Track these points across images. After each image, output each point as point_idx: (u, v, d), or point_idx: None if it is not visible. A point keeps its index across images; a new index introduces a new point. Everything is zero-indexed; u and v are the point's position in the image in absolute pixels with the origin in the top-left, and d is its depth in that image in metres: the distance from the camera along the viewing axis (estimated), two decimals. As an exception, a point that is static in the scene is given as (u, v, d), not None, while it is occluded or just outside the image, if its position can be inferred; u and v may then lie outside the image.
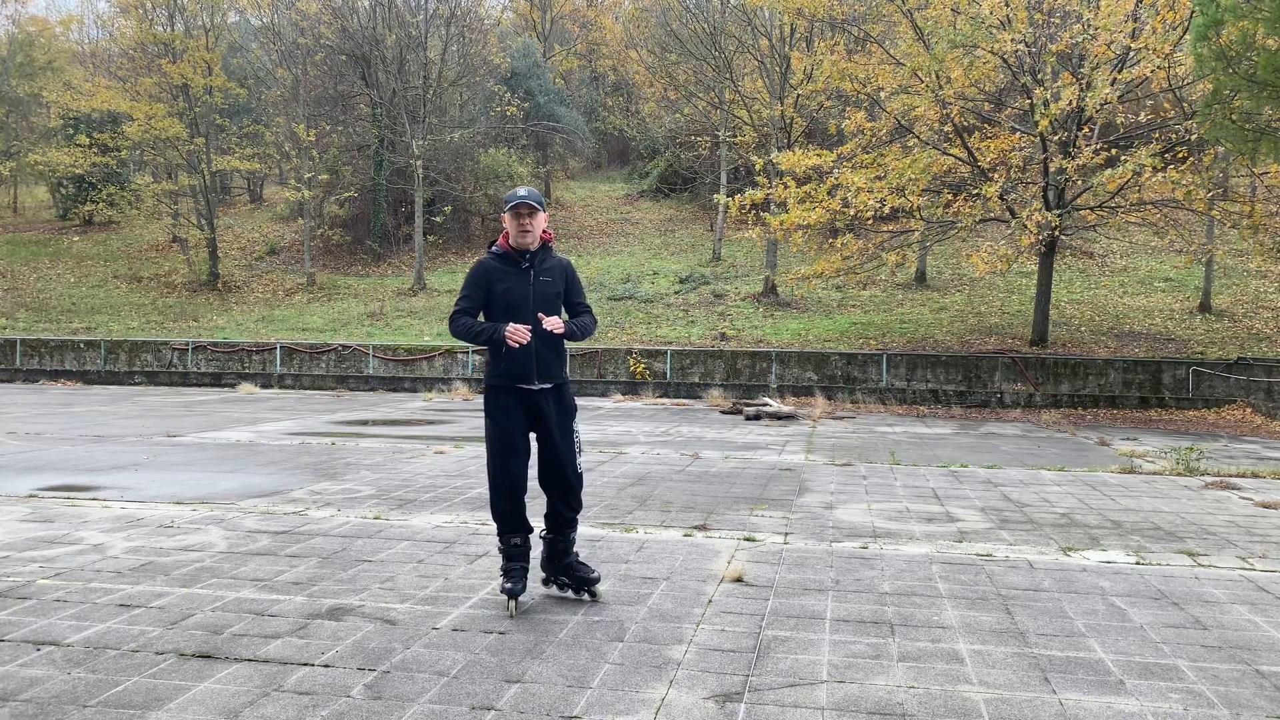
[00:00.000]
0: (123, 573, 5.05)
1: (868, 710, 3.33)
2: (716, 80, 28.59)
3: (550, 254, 4.60)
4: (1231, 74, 12.03)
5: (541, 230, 4.49)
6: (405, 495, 7.62)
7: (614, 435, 12.54)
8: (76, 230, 34.63)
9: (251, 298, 27.77)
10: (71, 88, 31.95)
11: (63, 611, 4.36)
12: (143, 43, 30.52)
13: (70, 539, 5.87)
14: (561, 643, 3.99)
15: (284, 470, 8.95)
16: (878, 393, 18.73)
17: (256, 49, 36.77)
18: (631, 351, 20.22)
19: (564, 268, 4.61)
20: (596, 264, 28.67)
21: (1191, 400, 17.58)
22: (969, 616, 4.47)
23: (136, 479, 8.30)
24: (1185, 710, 3.39)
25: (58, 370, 22.80)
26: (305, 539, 5.96)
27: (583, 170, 40.27)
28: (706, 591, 4.83)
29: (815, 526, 6.57)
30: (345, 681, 3.54)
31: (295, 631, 4.10)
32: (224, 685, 3.49)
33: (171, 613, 4.35)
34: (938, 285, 24.99)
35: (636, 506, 7.24)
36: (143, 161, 35.82)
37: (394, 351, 21.46)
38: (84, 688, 3.46)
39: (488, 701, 3.36)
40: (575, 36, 44.24)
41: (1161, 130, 18.46)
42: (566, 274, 4.61)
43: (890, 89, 18.65)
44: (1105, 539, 6.28)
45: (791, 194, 19.07)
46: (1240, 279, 23.48)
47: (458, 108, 33.62)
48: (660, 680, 3.59)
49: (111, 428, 12.72)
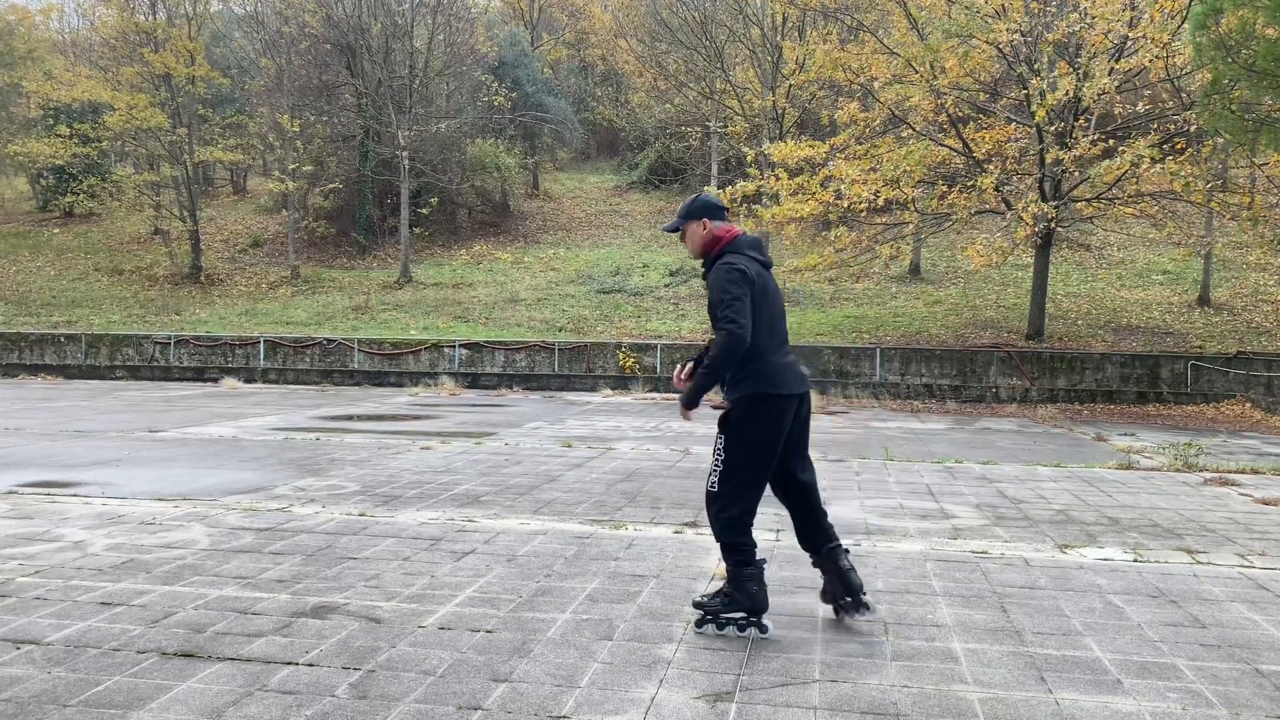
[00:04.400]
0: (104, 570, 4.99)
1: (861, 710, 3.28)
2: (707, 70, 28.48)
3: (715, 263, 4.13)
4: (1231, 63, 12.00)
5: (698, 239, 4.17)
6: (391, 492, 7.54)
7: (603, 431, 12.47)
8: (57, 222, 34.21)
9: (235, 291, 27.53)
10: (52, 77, 31.56)
11: (42, 610, 4.30)
12: (124, 31, 30.15)
13: (50, 536, 5.78)
14: (550, 641, 3.94)
15: (267, 466, 8.85)
16: (871, 387, 18.71)
17: (240, 38, 36.38)
18: (621, 345, 20.13)
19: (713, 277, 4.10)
20: (585, 256, 28.55)
21: (1190, 395, 17.49)
22: (964, 615, 4.43)
23: (117, 475, 8.19)
24: (1184, 710, 3.35)
25: (37, 364, 22.54)
26: (289, 536, 5.88)
27: (571, 161, 40.09)
28: (697, 589, 4.78)
29: (807, 522, 6.51)
30: (330, 681, 3.49)
31: (279, 630, 4.04)
32: (206, 685, 3.45)
33: (153, 611, 4.29)
34: (932, 278, 24.98)
35: (626, 503, 7.18)
36: (124, 152, 35.40)
37: (379, 346, 21.30)
38: (64, 687, 3.41)
39: (475, 701, 3.32)
40: (564, 25, 44.00)
41: (1160, 121, 18.41)
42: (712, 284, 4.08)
43: (884, 79, 18.58)
44: (1102, 536, 6.25)
45: (784, 186, 19.00)
46: (1240, 272, 23.43)
47: (444, 98, 33.38)
48: (650, 679, 3.54)
49: (92, 423, 12.57)
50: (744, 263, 4.02)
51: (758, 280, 4.02)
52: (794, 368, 4.10)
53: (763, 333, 3.98)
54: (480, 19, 35.54)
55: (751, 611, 4.05)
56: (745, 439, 3.97)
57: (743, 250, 4.10)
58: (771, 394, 3.97)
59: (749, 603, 4.05)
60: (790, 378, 4.04)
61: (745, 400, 3.97)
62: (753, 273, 4.01)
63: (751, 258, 4.08)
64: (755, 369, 3.97)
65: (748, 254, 4.09)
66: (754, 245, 4.17)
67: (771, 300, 4.08)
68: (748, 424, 3.97)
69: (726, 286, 3.93)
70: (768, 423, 3.98)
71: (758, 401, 3.96)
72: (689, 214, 4.19)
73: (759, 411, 3.97)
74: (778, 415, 3.99)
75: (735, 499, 4.01)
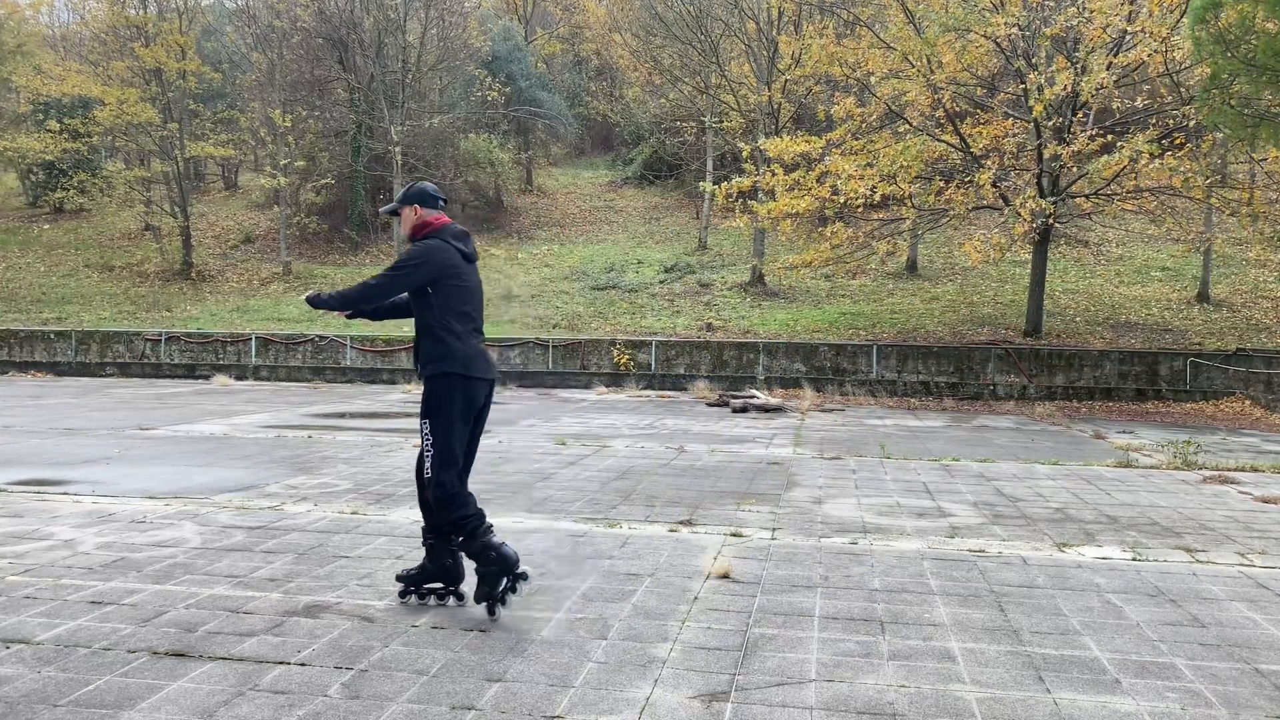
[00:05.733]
0: (94, 569, 4.96)
1: (857, 710, 3.27)
2: (702, 64, 28.40)
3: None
4: (1230, 58, 11.98)
5: (410, 222, 4.49)
6: (383, 489, 7.50)
7: (597, 428, 12.44)
8: (47, 218, 33.99)
9: (226, 287, 27.40)
10: (42, 72, 31.28)
11: (33, 609, 4.27)
12: (114, 26, 29.97)
13: (40, 534, 5.75)
14: (544, 641, 3.92)
15: (259, 464, 8.80)
16: (867, 385, 18.69)
17: (231, 32, 36.19)
18: (615, 342, 20.08)
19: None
20: (580, 253, 28.48)
21: (1189, 392, 17.42)
22: (961, 614, 4.41)
23: (108, 473, 8.14)
24: (1183, 710, 3.34)
25: (27, 361, 22.40)
26: (281, 534, 5.85)
27: (565, 157, 39.99)
28: (692, 588, 4.75)
29: (803, 522, 6.49)
30: (322, 680, 3.48)
31: (271, 629, 4.02)
32: (198, 684, 3.43)
33: (144, 610, 4.27)
34: (929, 275, 24.95)
35: (620, 501, 7.15)
36: (115, 148, 35.15)
37: (372, 342, 21.22)
38: (54, 687, 3.40)
39: (468, 701, 3.30)
40: (557, 19, 43.86)
41: (1158, 116, 18.38)
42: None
43: (880, 74, 18.52)
44: (1101, 535, 6.23)
45: (779, 181, 18.95)
46: (1239, 268, 23.39)
47: (437, 92, 33.25)
48: (645, 679, 3.52)
49: (82, 420, 12.50)
50: (444, 249, 4.34)
51: (457, 268, 4.34)
52: (485, 355, 4.43)
53: (457, 318, 4.31)
54: (473, 13, 35.40)
55: (504, 568, 4.25)
56: (444, 416, 4.26)
57: (447, 239, 4.40)
58: (462, 374, 4.26)
59: (501, 564, 4.24)
60: (481, 363, 4.35)
61: (438, 379, 4.27)
62: (452, 260, 4.33)
63: (456, 248, 4.38)
64: (447, 350, 4.27)
65: (453, 243, 4.39)
66: (460, 236, 4.47)
67: (470, 289, 4.40)
68: (444, 401, 4.27)
69: (413, 259, 4.29)
70: (461, 399, 4.28)
71: (449, 380, 4.26)
72: (407, 199, 4.49)
73: (452, 389, 4.26)
74: (468, 394, 4.29)
75: (448, 472, 4.26)
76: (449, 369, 4.24)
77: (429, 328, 4.30)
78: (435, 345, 4.27)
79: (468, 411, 4.30)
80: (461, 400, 4.26)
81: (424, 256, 4.27)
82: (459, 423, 4.27)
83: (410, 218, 4.46)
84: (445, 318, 4.27)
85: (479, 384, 4.32)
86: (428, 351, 4.29)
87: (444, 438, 4.23)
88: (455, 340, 4.26)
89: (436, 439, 4.23)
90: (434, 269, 4.26)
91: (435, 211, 4.46)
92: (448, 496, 4.23)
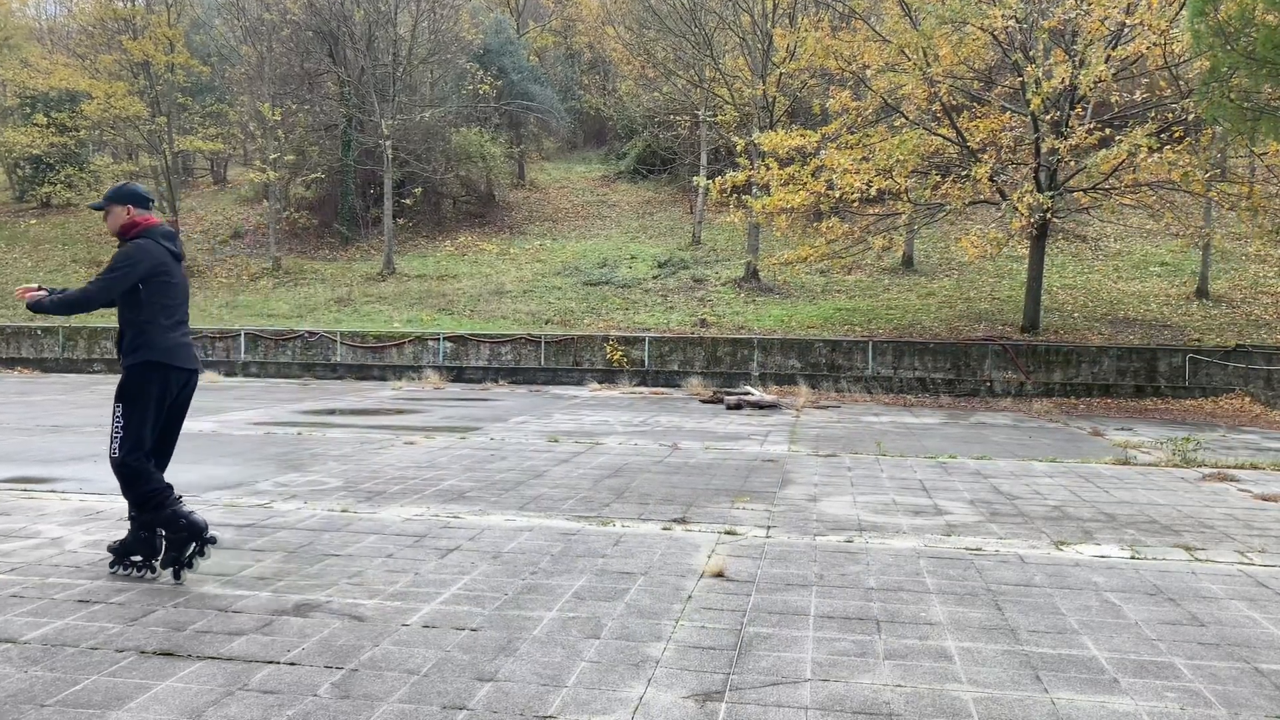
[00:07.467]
0: (81, 567, 4.91)
1: (853, 710, 3.24)
2: (696, 58, 28.30)
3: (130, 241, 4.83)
4: (1230, 51, 11.95)
5: (120, 221, 4.75)
6: (374, 487, 7.44)
7: (590, 425, 12.39)
8: (34, 213, 33.72)
9: (215, 283, 27.23)
10: (28, 65, 31.03)
11: (19, 608, 4.23)
12: (102, 18, 29.72)
13: (27, 532, 5.69)
14: (536, 640, 3.88)
15: (248, 461, 8.74)
16: (863, 381, 18.66)
17: (220, 25, 35.84)
18: (608, 338, 20.02)
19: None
20: (572, 248, 28.39)
21: (1188, 389, 17.33)
22: (958, 613, 4.38)
23: (96, 471, 8.05)
24: (1182, 710, 3.31)
25: (13, 358, 22.26)
26: (270, 533, 5.79)
27: (558, 151, 39.86)
28: (686, 587, 4.71)
29: (798, 520, 6.46)
30: (312, 680, 3.44)
31: (260, 628, 3.98)
32: (186, 684, 3.40)
33: (132, 609, 4.23)
34: (925, 270, 24.92)
35: (614, 499, 7.11)
36: (102, 142, 34.94)
37: (362, 338, 21.11)
38: (42, 686, 3.36)
39: (460, 701, 3.27)
40: (550, 12, 43.66)
41: (1157, 109, 18.33)
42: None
43: (876, 67, 18.45)
44: (1099, 533, 6.21)
45: (774, 176, 18.90)
46: (1239, 263, 23.33)
47: (428, 86, 33.08)
48: (638, 679, 3.48)
49: (70, 417, 12.41)
50: (154, 249, 4.67)
51: (166, 266, 4.69)
52: (188, 347, 4.82)
53: (162, 312, 4.67)
54: (465, 6, 35.15)
55: (193, 533, 4.66)
56: (140, 403, 4.60)
57: (157, 239, 4.72)
58: (163, 363, 4.63)
59: (190, 529, 4.66)
60: (182, 354, 4.73)
61: (139, 367, 4.61)
62: (163, 259, 4.68)
63: (165, 247, 4.72)
64: (150, 340, 4.62)
65: (161, 243, 4.72)
66: (168, 236, 4.80)
67: (177, 286, 4.77)
68: (142, 388, 4.61)
69: (128, 260, 4.60)
70: (157, 387, 4.63)
71: (150, 368, 4.61)
72: (116, 197, 4.77)
73: (151, 377, 4.62)
74: (165, 382, 4.66)
75: (135, 454, 4.61)
76: (151, 358, 4.59)
77: (134, 321, 4.62)
78: (139, 336, 4.62)
79: (163, 398, 4.66)
80: (158, 389, 4.62)
81: (138, 256, 4.59)
82: (153, 409, 4.62)
83: (122, 216, 4.72)
84: (152, 312, 4.62)
85: (179, 373, 4.70)
86: (131, 341, 4.62)
87: (137, 423, 4.57)
88: (159, 333, 4.62)
89: (129, 424, 4.57)
90: (147, 268, 4.60)
91: (145, 212, 4.77)
92: (132, 473, 4.58)
